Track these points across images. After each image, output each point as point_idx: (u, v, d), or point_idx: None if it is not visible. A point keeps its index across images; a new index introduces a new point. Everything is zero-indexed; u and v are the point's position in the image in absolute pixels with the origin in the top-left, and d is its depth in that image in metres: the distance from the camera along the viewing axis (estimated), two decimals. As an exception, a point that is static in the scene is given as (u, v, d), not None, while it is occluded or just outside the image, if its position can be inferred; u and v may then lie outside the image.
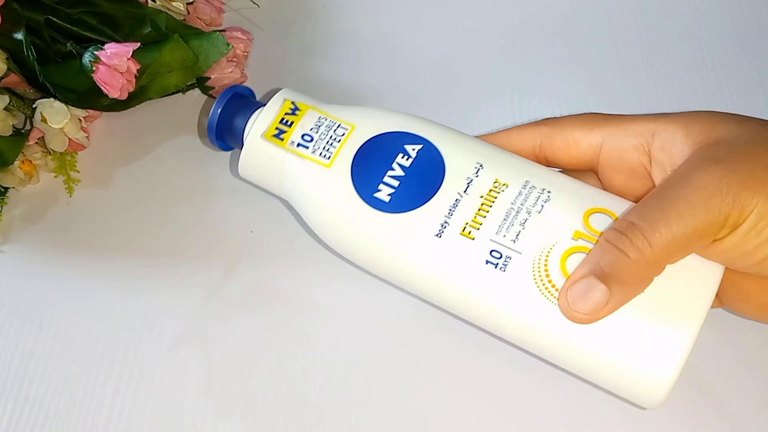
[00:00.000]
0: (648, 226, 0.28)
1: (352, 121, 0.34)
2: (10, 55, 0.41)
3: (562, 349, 0.31)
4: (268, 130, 0.35)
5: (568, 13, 0.51)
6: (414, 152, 0.33)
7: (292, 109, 0.35)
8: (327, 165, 0.34)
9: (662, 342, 0.29)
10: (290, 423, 0.36)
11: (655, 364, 0.29)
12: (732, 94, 0.47)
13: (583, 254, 0.30)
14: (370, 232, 0.33)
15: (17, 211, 0.43)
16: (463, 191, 0.32)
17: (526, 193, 0.32)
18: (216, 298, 0.40)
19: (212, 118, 0.37)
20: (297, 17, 0.52)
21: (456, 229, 0.31)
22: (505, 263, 0.31)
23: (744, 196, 0.28)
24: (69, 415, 0.37)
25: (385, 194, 0.32)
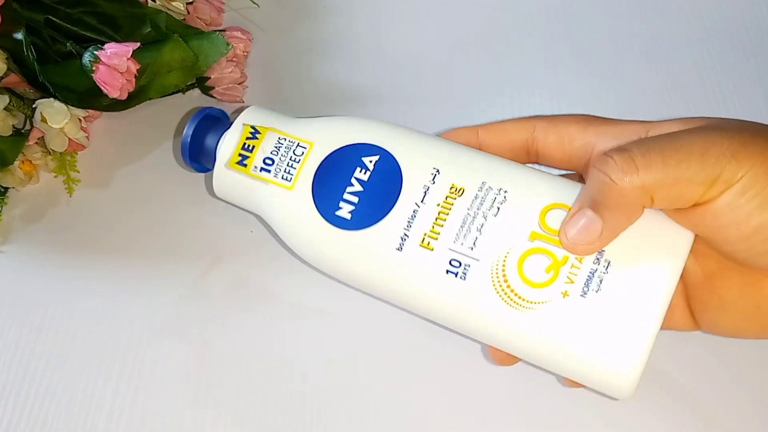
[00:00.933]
0: (640, 153, 0.29)
1: (310, 138, 0.34)
2: (10, 55, 0.41)
3: (529, 351, 0.31)
4: (232, 157, 0.35)
5: (568, 13, 0.51)
6: (371, 164, 0.33)
7: (252, 133, 0.35)
8: (289, 187, 0.34)
9: (624, 341, 0.29)
10: (290, 424, 0.36)
11: (622, 353, 0.29)
12: (732, 94, 0.47)
13: (540, 255, 0.30)
14: (335, 251, 0.33)
15: (17, 211, 0.43)
16: (421, 201, 0.32)
17: (482, 196, 0.31)
18: (216, 298, 0.40)
19: (184, 144, 0.37)
20: (297, 17, 0.52)
21: (415, 241, 0.32)
22: (465, 272, 0.31)
23: (742, 154, 0.28)
24: (69, 416, 0.37)
25: (346, 212, 0.33)
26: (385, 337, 0.39)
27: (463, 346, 0.38)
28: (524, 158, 0.35)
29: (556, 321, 0.30)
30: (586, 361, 0.30)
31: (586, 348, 0.30)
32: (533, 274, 0.30)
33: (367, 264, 0.33)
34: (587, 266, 0.30)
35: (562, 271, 0.30)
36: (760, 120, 0.44)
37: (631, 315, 0.29)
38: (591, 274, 0.29)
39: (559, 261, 0.30)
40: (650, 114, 0.46)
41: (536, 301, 0.30)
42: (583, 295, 0.29)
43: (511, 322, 0.30)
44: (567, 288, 0.30)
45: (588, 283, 0.29)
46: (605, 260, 0.30)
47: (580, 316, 0.29)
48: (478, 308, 0.31)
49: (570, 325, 0.30)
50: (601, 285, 0.29)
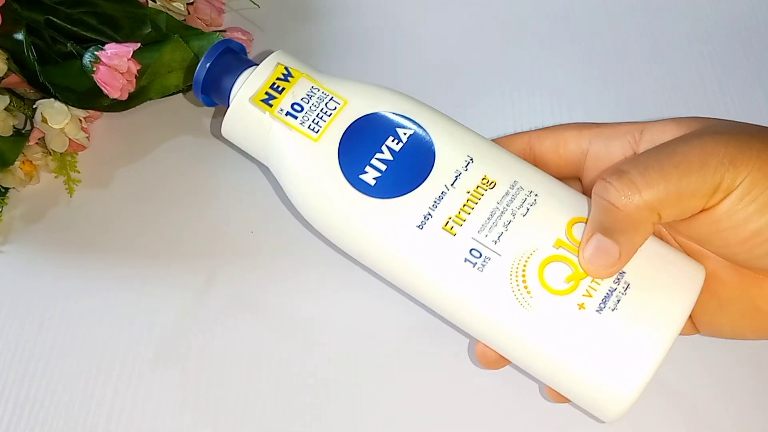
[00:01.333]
0: (638, 173, 0.29)
1: (346, 95, 0.33)
2: (10, 56, 0.41)
3: (530, 356, 0.31)
4: (257, 93, 0.33)
5: (568, 13, 0.51)
6: (405, 136, 0.32)
7: (285, 75, 0.34)
8: (315, 139, 0.32)
9: (629, 363, 0.29)
10: (290, 424, 0.36)
11: (619, 381, 0.29)
12: (732, 94, 0.47)
13: (563, 264, 0.30)
14: (351, 215, 0.32)
15: (17, 211, 0.43)
16: (451, 184, 0.31)
17: (513, 194, 0.31)
18: (216, 298, 0.40)
19: (199, 73, 0.35)
20: (297, 17, 0.52)
21: (438, 222, 0.31)
22: (484, 263, 0.30)
23: (740, 159, 0.28)
24: (69, 415, 0.37)
25: (370, 177, 0.31)
26: (386, 339, 0.39)
27: (462, 351, 0.38)
28: None
29: (566, 330, 0.29)
30: (584, 377, 0.30)
31: (588, 363, 0.29)
32: (553, 280, 0.30)
33: (383, 236, 0.32)
34: (607, 284, 0.29)
35: (582, 284, 0.30)
36: (760, 120, 0.44)
37: (640, 341, 0.29)
38: (610, 292, 0.29)
39: (581, 273, 0.30)
40: (650, 114, 0.46)
41: (551, 308, 0.29)
42: (599, 310, 0.29)
43: (519, 323, 0.30)
44: (584, 300, 0.29)
45: (606, 300, 0.29)
46: (625, 282, 0.30)
47: (591, 330, 0.29)
48: (490, 302, 0.30)
49: (578, 337, 0.29)
50: (618, 305, 0.29)
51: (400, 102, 0.33)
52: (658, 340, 0.29)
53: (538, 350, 0.30)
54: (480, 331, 0.32)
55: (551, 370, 0.31)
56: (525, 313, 0.30)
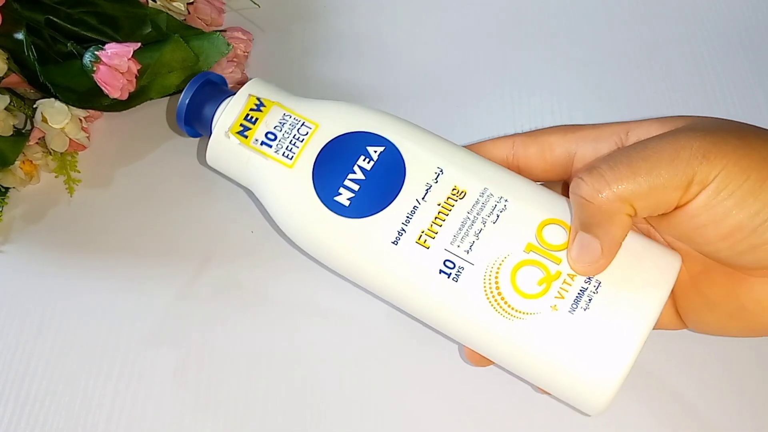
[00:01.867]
0: (608, 167, 0.29)
1: (316, 119, 0.34)
2: (10, 55, 0.41)
3: (509, 359, 0.32)
4: (233, 126, 0.35)
5: (568, 13, 0.51)
6: (375, 154, 0.33)
7: (257, 105, 0.35)
8: (289, 165, 0.33)
9: (604, 360, 0.30)
10: (289, 424, 0.36)
11: (595, 379, 0.30)
12: (732, 94, 0.47)
13: (534, 267, 0.30)
14: (329, 236, 0.33)
15: (17, 211, 0.43)
16: (422, 198, 0.32)
17: (483, 201, 0.32)
18: (216, 298, 0.40)
19: (181, 106, 0.36)
20: (297, 17, 0.52)
21: (412, 237, 0.32)
22: (458, 274, 0.31)
23: (714, 153, 0.28)
24: (69, 415, 0.37)
25: (345, 198, 0.32)
26: (383, 337, 0.39)
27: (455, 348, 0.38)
28: None
29: (542, 333, 0.30)
30: (564, 375, 0.31)
31: (566, 362, 0.30)
32: (525, 285, 0.30)
33: (361, 253, 0.33)
34: (578, 284, 0.30)
35: (553, 285, 0.30)
36: (760, 120, 0.44)
37: (614, 337, 0.30)
38: (581, 292, 0.30)
39: (552, 275, 0.30)
40: (650, 114, 0.46)
41: (525, 312, 0.30)
42: (571, 311, 0.30)
43: (496, 329, 0.31)
44: (556, 302, 0.30)
45: (578, 300, 0.30)
46: (596, 280, 0.30)
47: (566, 331, 0.30)
48: (466, 310, 0.31)
49: (554, 338, 0.30)
50: (590, 304, 0.30)
51: (370, 120, 0.34)
52: (630, 336, 0.29)
53: (517, 353, 0.31)
54: (462, 337, 0.33)
55: (532, 371, 0.32)
56: (501, 319, 0.31)
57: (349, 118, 0.34)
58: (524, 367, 0.32)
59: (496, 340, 0.31)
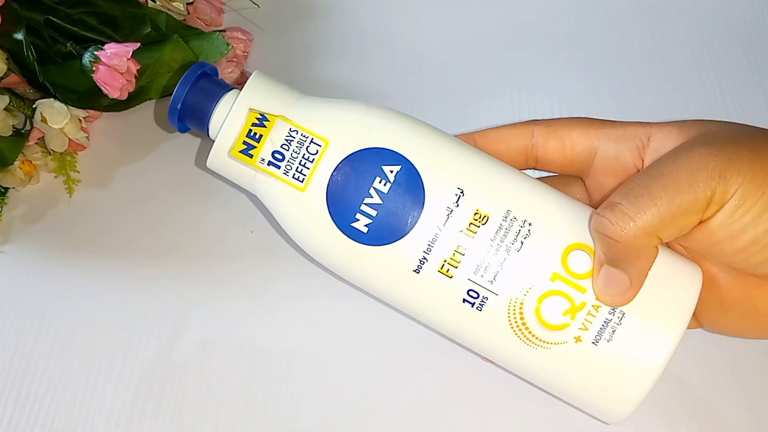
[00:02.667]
0: (628, 203, 0.29)
1: (326, 135, 0.32)
2: (10, 55, 0.41)
3: (536, 378, 0.33)
4: (235, 145, 0.32)
5: (568, 13, 0.51)
6: (392, 175, 0.31)
7: (260, 120, 0.32)
8: (301, 189, 0.32)
9: (624, 389, 0.31)
10: (290, 424, 0.36)
11: (615, 404, 0.31)
12: (732, 94, 0.47)
13: (558, 298, 0.30)
14: (349, 262, 0.33)
15: (17, 211, 0.43)
16: (443, 224, 0.31)
17: (507, 227, 0.31)
18: (216, 298, 0.40)
19: (174, 104, 0.34)
20: (297, 17, 0.52)
21: (434, 266, 0.31)
22: (482, 303, 0.31)
23: (730, 171, 0.28)
24: (69, 415, 0.37)
25: (362, 225, 0.31)
26: (384, 339, 0.39)
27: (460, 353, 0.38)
28: (522, 164, 0.34)
29: (565, 362, 0.31)
30: (586, 397, 0.32)
31: (589, 388, 0.31)
32: (550, 316, 0.30)
33: (382, 280, 0.32)
34: (602, 315, 0.30)
35: (578, 316, 0.30)
36: (760, 120, 0.44)
37: (635, 367, 0.30)
38: (605, 324, 0.30)
39: (577, 306, 0.30)
40: (650, 114, 0.46)
41: (549, 342, 0.31)
42: (595, 342, 0.30)
43: (520, 355, 0.32)
44: (581, 334, 0.30)
45: (602, 332, 0.30)
46: (620, 311, 0.30)
47: (589, 361, 0.31)
48: (491, 338, 0.32)
49: (577, 367, 0.31)
50: (613, 335, 0.30)
51: (382, 132, 0.32)
52: (651, 365, 0.30)
53: (540, 377, 0.33)
54: (488, 356, 0.34)
55: (555, 391, 0.33)
56: (526, 348, 0.31)
57: (361, 131, 0.32)
58: (547, 386, 0.33)
59: (520, 365, 0.32)
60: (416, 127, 0.33)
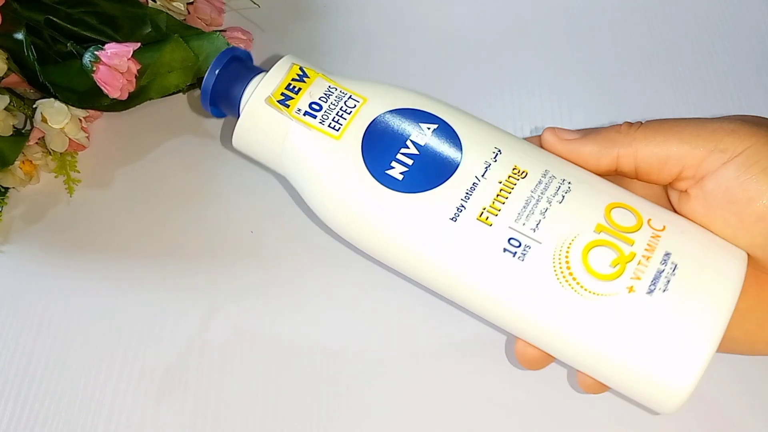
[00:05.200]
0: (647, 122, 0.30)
1: (365, 93, 0.32)
2: (10, 55, 0.41)
3: (580, 346, 0.30)
4: (273, 94, 0.32)
5: (568, 13, 0.51)
6: (429, 131, 0.31)
7: (300, 75, 0.33)
8: (336, 137, 0.31)
9: (686, 345, 0.28)
10: (291, 424, 0.36)
11: (677, 369, 0.28)
12: (732, 93, 0.47)
13: (605, 248, 0.29)
14: (380, 212, 0.31)
15: (17, 211, 0.43)
16: (481, 175, 0.30)
17: (546, 182, 0.30)
18: (216, 298, 0.40)
19: (207, 82, 0.34)
20: (297, 17, 0.52)
21: (473, 213, 0.30)
22: (524, 252, 0.29)
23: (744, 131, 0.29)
24: (69, 415, 0.37)
25: (397, 172, 0.30)
26: (387, 337, 0.39)
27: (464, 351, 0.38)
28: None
29: (619, 316, 0.29)
30: (638, 366, 0.29)
31: (643, 350, 0.28)
32: (598, 266, 0.29)
33: (416, 231, 0.30)
34: (654, 265, 0.29)
35: (628, 267, 0.29)
36: (760, 120, 0.44)
37: (695, 323, 0.28)
38: (659, 273, 0.29)
39: (626, 256, 0.29)
40: (650, 114, 0.46)
41: (600, 293, 0.29)
42: (649, 292, 0.28)
43: (569, 311, 0.29)
44: (633, 284, 0.29)
45: (656, 281, 0.29)
46: (672, 263, 0.29)
47: (645, 313, 0.28)
48: (534, 291, 0.29)
49: (633, 321, 0.28)
50: (668, 285, 0.28)
51: (420, 99, 0.33)
52: (712, 322, 0.28)
53: (588, 339, 0.29)
54: (523, 326, 0.31)
55: (601, 361, 0.30)
56: (573, 300, 0.29)
57: (399, 95, 0.32)
58: (593, 354, 0.29)
59: (566, 325, 0.29)
60: (450, 104, 0.33)
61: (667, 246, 0.29)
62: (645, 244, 0.29)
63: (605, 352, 0.29)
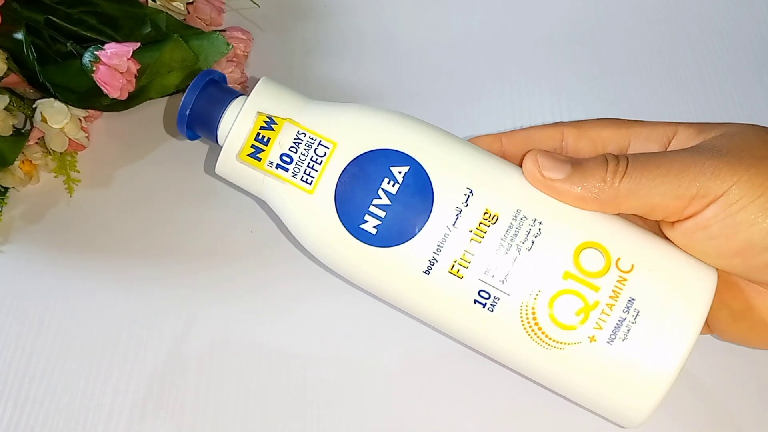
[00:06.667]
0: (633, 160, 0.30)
1: (334, 137, 0.32)
2: (10, 55, 0.41)
3: (550, 385, 0.33)
4: (243, 149, 0.32)
5: (569, 13, 0.51)
6: (400, 176, 0.31)
7: (268, 123, 0.32)
8: (309, 191, 0.32)
9: (640, 389, 0.30)
10: (291, 424, 0.36)
11: (631, 408, 0.31)
12: (732, 94, 0.47)
13: (571, 296, 0.30)
14: (358, 265, 0.32)
15: (17, 211, 0.43)
16: (452, 224, 0.31)
17: (517, 226, 0.31)
18: (216, 298, 0.40)
19: (182, 111, 0.34)
20: (297, 17, 0.52)
21: (444, 266, 0.31)
22: (494, 304, 0.31)
23: (724, 172, 0.28)
24: (69, 415, 0.37)
25: (371, 226, 0.31)
26: (386, 340, 0.39)
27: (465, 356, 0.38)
28: None
29: (580, 362, 0.31)
30: (600, 402, 0.32)
31: (605, 388, 0.31)
32: (563, 316, 0.30)
33: (392, 282, 0.32)
34: (617, 314, 0.30)
35: (591, 315, 0.30)
36: (760, 120, 0.44)
37: (651, 366, 0.30)
38: (620, 323, 0.30)
39: (590, 305, 0.30)
40: (650, 114, 0.46)
41: (564, 342, 0.30)
42: (609, 342, 0.30)
43: (534, 358, 0.31)
44: (595, 333, 0.30)
45: (616, 331, 0.30)
46: (635, 309, 0.30)
47: (604, 361, 0.30)
48: (503, 339, 0.31)
49: (592, 367, 0.30)
50: (628, 334, 0.30)
51: (389, 132, 0.32)
52: (669, 363, 0.30)
53: (554, 379, 0.32)
54: (500, 360, 0.33)
55: (570, 394, 0.33)
56: (540, 349, 0.31)
57: (368, 133, 0.32)
58: (562, 390, 0.33)
59: (534, 368, 0.32)
60: (424, 128, 0.33)
61: (632, 291, 0.30)
62: (610, 291, 0.30)
63: (570, 392, 0.32)
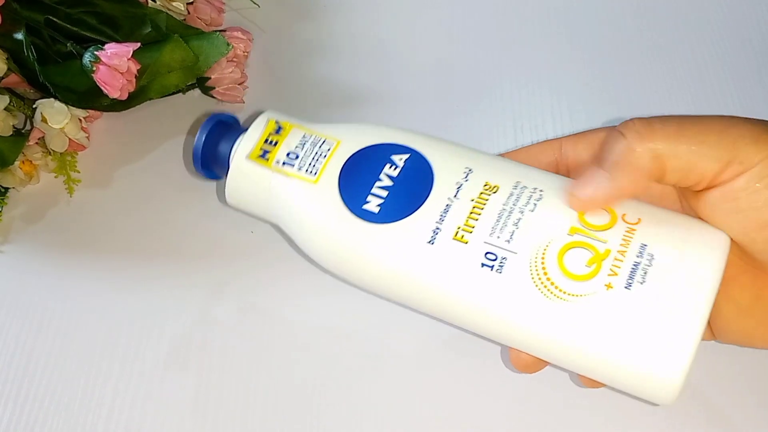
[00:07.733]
0: (660, 122, 0.29)
1: (338, 136, 0.34)
2: (10, 55, 0.41)
3: (567, 349, 0.30)
4: (253, 151, 0.34)
5: (568, 12, 0.51)
6: (401, 161, 0.33)
7: (276, 129, 0.35)
8: (313, 181, 0.33)
9: (671, 332, 0.28)
10: (289, 426, 0.36)
11: (666, 358, 0.28)
12: (732, 94, 0.47)
13: (580, 249, 0.29)
14: (361, 245, 0.32)
15: (17, 211, 0.43)
16: (453, 196, 0.31)
17: (518, 194, 0.31)
18: (216, 298, 0.40)
19: (197, 148, 0.36)
20: (297, 17, 0.52)
21: (448, 234, 0.31)
22: (501, 264, 0.30)
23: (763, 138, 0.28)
24: (69, 415, 0.37)
25: (374, 205, 0.32)
26: (386, 339, 0.39)
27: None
28: None
29: (600, 313, 0.29)
30: (628, 358, 0.29)
31: (629, 342, 0.28)
32: (574, 267, 0.29)
33: (397, 259, 0.32)
34: (630, 259, 0.29)
35: (604, 264, 0.29)
36: (760, 119, 0.44)
37: (678, 308, 0.28)
38: (635, 266, 0.29)
39: (601, 254, 0.29)
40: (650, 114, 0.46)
41: (578, 294, 0.29)
42: (627, 286, 0.29)
43: (549, 316, 0.29)
44: (610, 280, 0.29)
45: (632, 274, 0.29)
46: (649, 254, 0.29)
47: (626, 307, 0.28)
48: (514, 302, 0.30)
49: (613, 317, 0.29)
50: (645, 276, 0.29)
51: (391, 133, 0.34)
52: (695, 307, 0.28)
53: (573, 342, 0.29)
54: (509, 335, 0.31)
55: (590, 361, 0.30)
56: (553, 305, 0.29)
57: (370, 133, 0.34)
58: (582, 355, 0.30)
59: (550, 329, 0.30)
60: (424, 133, 0.34)
61: (643, 238, 0.29)
62: (620, 239, 0.29)
63: (592, 352, 0.29)
